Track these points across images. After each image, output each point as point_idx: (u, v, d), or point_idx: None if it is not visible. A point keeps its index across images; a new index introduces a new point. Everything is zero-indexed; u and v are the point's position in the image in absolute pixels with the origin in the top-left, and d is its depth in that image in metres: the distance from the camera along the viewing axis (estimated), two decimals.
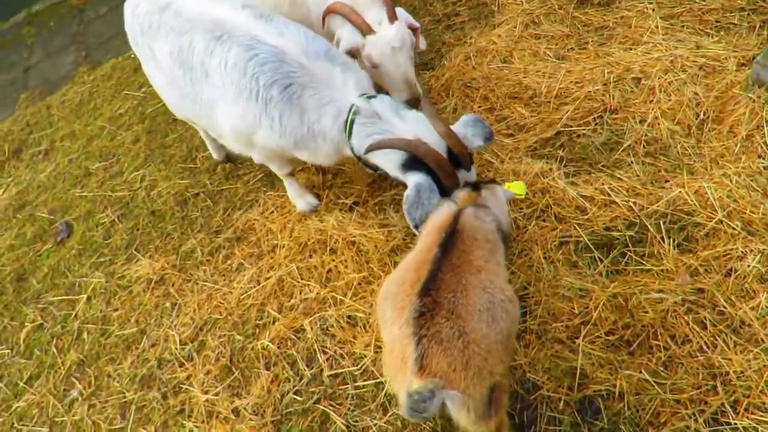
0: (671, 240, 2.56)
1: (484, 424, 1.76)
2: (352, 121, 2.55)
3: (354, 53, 2.96)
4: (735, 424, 2.06)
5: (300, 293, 3.07)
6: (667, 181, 2.78)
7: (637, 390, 2.20)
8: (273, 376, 2.79)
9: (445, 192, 2.43)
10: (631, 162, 2.93)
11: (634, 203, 2.72)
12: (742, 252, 2.40)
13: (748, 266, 2.34)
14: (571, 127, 3.21)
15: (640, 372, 2.23)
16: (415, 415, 1.67)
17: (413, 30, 3.06)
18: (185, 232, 3.80)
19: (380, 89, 3.03)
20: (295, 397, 2.68)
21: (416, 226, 2.36)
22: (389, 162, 2.54)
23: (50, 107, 5.91)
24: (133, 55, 5.53)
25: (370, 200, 3.37)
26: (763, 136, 2.75)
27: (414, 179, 2.42)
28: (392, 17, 2.92)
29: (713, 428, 2.08)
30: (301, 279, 3.12)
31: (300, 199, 3.44)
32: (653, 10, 3.68)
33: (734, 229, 2.47)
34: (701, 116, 2.96)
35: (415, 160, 2.42)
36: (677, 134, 2.95)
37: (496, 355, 1.76)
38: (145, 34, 3.01)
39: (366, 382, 2.60)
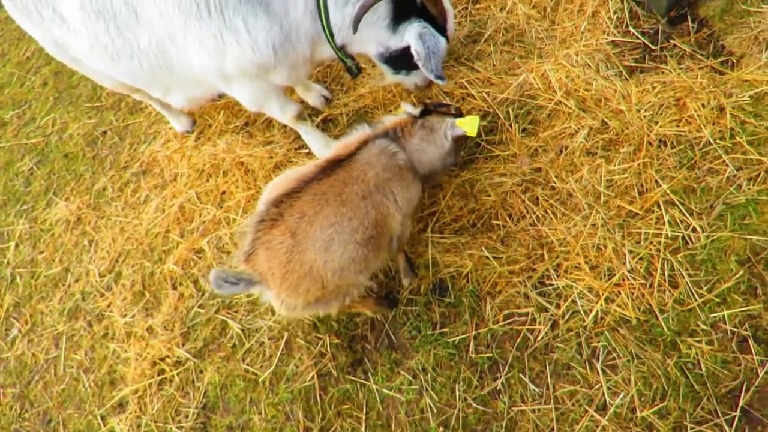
0: (518, 125, 2.72)
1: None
2: None
3: None
4: (556, 285, 2.34)
5: (199, 217, 3.26)
6: (519, 67, 2.88)
7: (479, 266, 2.47)
8: (179, 294, 3.06)
9: (444, 32, 2.28)
10: (491, 52, 3.01)
11: (488, 93, 2.84)
12: (574, 129, 2.57)
13: (577, 143, 2.52)
14: None
15: (482, 250, 2.48)
16: (216, 287, 1.89)
17: None
18: (96, 172, 3.93)
19: None
20: (198, 310, 2.96)
21: (439, 77, 2.27)
22: (377, 30, 2.28)
23: None
24: None
25: (258, 119, 3.48)
26: (608, 11, 2.82)
27: (413, 32, 2.24)
28: None
29: (539, 290, 2.37)
30: (200, 203, 3.31)
31: (328, 150, 2.87)
32: None
33: (570, 108, 2.61)
34: None
35: (401, 10, 2.22)
36: (533, 18, 3.00)
37: (318, 281, 1.93)
38: None
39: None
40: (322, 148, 3.04)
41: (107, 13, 2.32)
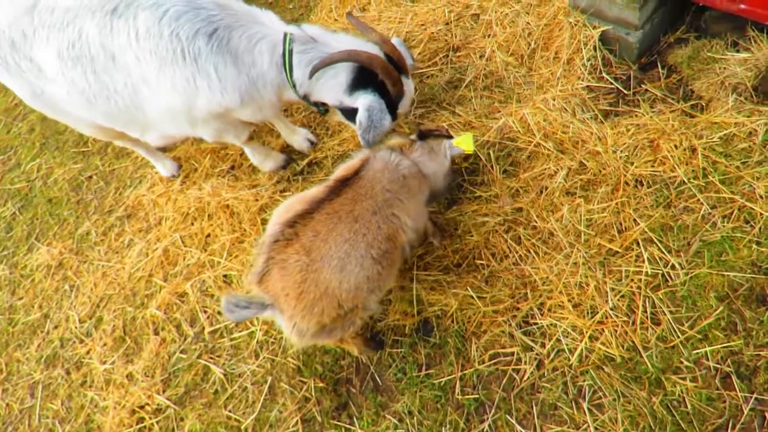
0: (499, 167, 2.78)
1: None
2: (290, 52, 2.39)
3: None
4: (540, 323, 2.35)
5: (183, 260, 3.24)
6: (499, 111, 2.97)
7: (463, 306, 2.47)
8: (161, 339, 3.00)
9: (394, 109, 2.46)
10: (472, 97, 3.11)
11: None
12: (553, 170, 2.63)
13: (557, 183, 2.58)
14: (421, 69, 3.36)
15: (466, 289, 2.49)
16: (228, 312, 1.88)
17: None
18: (80, 216, 3.91)
19: None
20: (180, 355, 2.90)
21: (368, 146, 2.42)
22: (335, 90, 2.46)
23: None
24: None
25: (245, 163, 3.52)
26: (582, 59, 2.95)
27: (364, 102, 2.40)
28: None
29: (524, 329, 2.37)
30: (184, 246, 3.30)
31: (269, 161, 3.31)
32: None
33: (549, 150, 2.69)
34: (532, 45, 3.14)
35: (360, 79, 2.39)
36: (511, 65, 3.12)
37: (333, 300, 1.93)
38: (18, 47, 2.55)
39: (240, 333, 2.83)
40: (263, 159, 3.28)
41: (84, 59, 2.45)
